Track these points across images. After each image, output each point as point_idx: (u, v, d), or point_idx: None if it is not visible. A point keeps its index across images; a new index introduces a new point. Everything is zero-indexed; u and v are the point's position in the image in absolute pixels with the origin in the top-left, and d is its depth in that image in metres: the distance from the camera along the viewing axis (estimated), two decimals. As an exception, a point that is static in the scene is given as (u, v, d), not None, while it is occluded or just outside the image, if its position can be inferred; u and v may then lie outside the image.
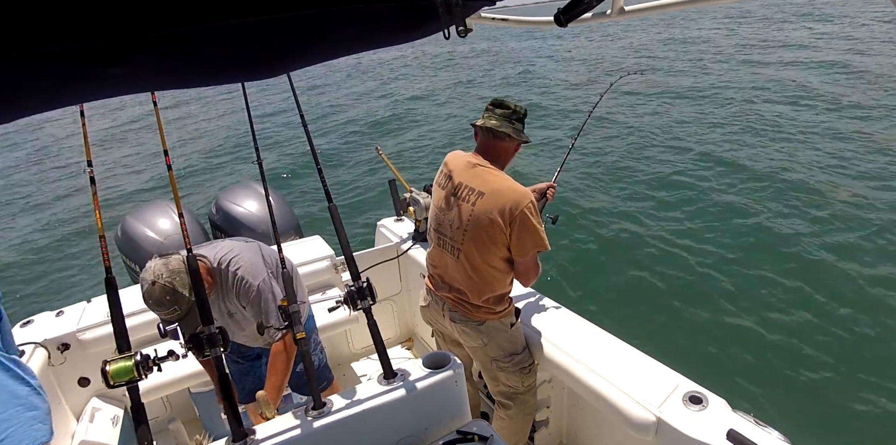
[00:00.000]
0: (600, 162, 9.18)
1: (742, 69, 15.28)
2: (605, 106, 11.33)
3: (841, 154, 8.59)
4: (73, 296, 5.39)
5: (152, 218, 3.32)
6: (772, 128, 10.28)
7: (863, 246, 5.69)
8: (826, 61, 14.76)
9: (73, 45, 0.53)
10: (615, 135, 10.59)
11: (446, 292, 2.07)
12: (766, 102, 11.93)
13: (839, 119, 10.25)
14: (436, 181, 2.12)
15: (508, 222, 1.83)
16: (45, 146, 15.31)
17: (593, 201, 7.62)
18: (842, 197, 7.14)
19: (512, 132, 1.91)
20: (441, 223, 2.03)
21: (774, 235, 6.09)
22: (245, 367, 2.36)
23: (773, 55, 16.77)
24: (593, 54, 22.03)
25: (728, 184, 7.83)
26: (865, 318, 4.44)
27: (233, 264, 1.92)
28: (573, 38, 28.74)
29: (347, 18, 0.68)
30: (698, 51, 19.52)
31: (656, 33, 27.10)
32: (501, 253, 1.91)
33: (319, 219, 7.00)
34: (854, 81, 12.67)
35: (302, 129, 2.06)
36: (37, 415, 1.64)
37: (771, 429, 1.58)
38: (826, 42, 18.02)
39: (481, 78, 19.35)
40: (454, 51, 28.49)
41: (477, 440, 1.59)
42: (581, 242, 6.33)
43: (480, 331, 2.03)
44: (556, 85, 15.99)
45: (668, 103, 12.70)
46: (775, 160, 8.45)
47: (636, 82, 14.17)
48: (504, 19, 1.39)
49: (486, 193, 1.87)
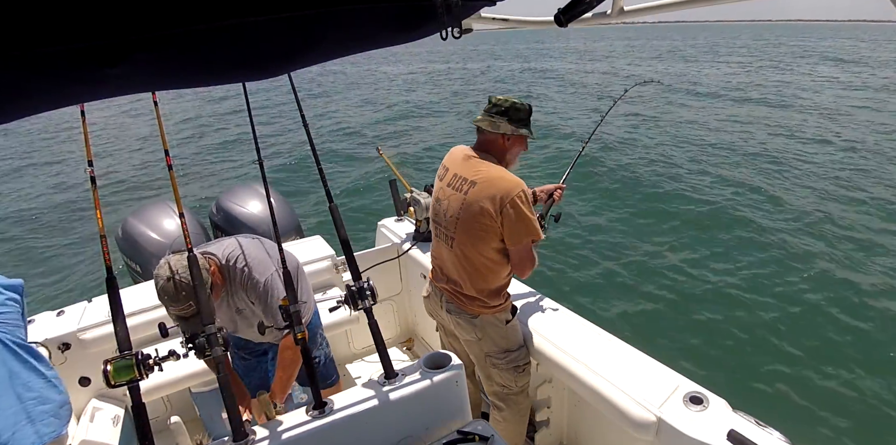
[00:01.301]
0: (607, 165, 9.20)
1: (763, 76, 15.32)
2: (616, 114, 11.32)
3: (847, 166, 8.61)
4: (74, 296, 5.40)
5: (153, 218, 3.32)
6: (784, 136, 10.32)
7: (862, 249, 5.69)
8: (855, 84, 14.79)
9: (73, 45, 0.53)
10: (625, 141, 10.61)
11: (444, 283, 2.11)
12: (775, 110, 11.94)
13: (856, 132, 10.31)
14: (437, 175, 2.17)
15: (499, 210, 1.86)
16: (45, 146, 15.32)
17: (596, 203, 7.63)
18: (846, 197, 7.14)
19: (488, 125, 1.96)
20: (437, 213, 2.08)
21: (775, 237, 6.09)
22: (251, 363, 2.36)
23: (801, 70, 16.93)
24: (610, 56, 22.08)
25: (731, 187, 7.86)
26: (866, 319, 4.44)
27: (240, 260, 1.93)
28: (591, 41, 28.83)
29: (347, 18, 0.68)
30: (719, 62, 19.67)
31: (680, 41, 27.27)
32: (494, 242, 1.93)
33: (320, 219, 7.01)
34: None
35: (303, 129, 2.06)
36: (50, 409, 1.62)
37: (771, 429, 1.57)
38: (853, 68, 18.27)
39: (484, 77, 19.35)
40: (455, 50, 28.49)
41: (478, 440, 1.59)
42: (582, 243, 6.33)
43: (474, 325, 2.05)
44: (572, 84, 16.00)
45: (680, 111, 12.73)
46: (780, 167, 8.47)
47: (650, 91, 14.20)
48: (504, 19, 1.39)
49: (477, 182, 1.91)
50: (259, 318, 2.04)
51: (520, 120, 1.97)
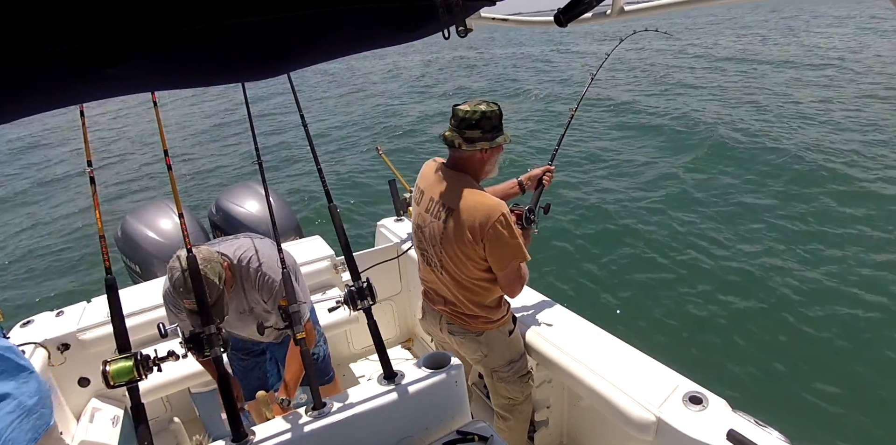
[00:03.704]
0: (597, 150, 8.93)
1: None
2: (602, 86, 10.50)
3: (853, 146, 8.40)
4: (73, 296, 5.39)
5: (152, 218, 3.32)
6: (784, 115, 9.95)
7: (862, 244, 5.68)
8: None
9: (73, 45, 0.53)
10: (613, 118, 10.12)
11: (442, 305, 2.05)
12: (776, 88, 11.62)
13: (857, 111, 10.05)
14: (413, 196, 2.06)
15: (480, 238, 1.77)
16: (45, 146, 15.31)
17: (590, 196, 7.50)
18: (850, 193, 7.04)
19: (462, 144, 1.80)
20: (421, 240, 2.00)
21: (776, 235, 6.08)
22: (249, 364, 2.36)
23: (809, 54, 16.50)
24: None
25: (733, 180, 7.72)
26: (867, 319, 4.44)
27: (253, 261, 1.94)
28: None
29: (347, 18, 0.69)
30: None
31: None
32: (480, 266, 1.86)
33: (319, 219, 7.00)
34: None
35: (302, 129, 2.06)
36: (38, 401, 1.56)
37: (771, 429, 1.58)
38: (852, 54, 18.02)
39: (482, 74, 19.31)
40: (455, 49, 28.47)
41: (477, 440, 1.59)
42: (579, 240, 6.31)
43: (479, 342, 2.01)
44: (562, 55, 15.29)
45: (677, 70, 12.03)
46: (787, 156, 8.25)
47: (641, 52, 13.51)
48: (504, 19, 1.39)
49: (454, 210, 1.80)
50: (264, 318, 2.05)
51: (493, 127, 1.82)
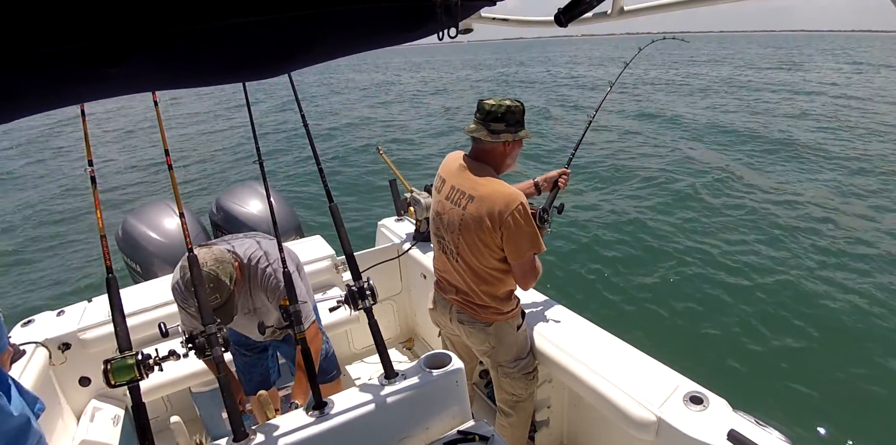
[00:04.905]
0: (608, 158, 9.09)
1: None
2: (618, 99, 10.84)
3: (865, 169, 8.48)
4: (74, 296, 5.40)
5: (153, 218, 3.32)
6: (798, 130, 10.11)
7: (861, 248, 5.68)
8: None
9: (73, 45, 0.53)
10: (629, 128, 10.29)
11: (453, 294, 2.08)
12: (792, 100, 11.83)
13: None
14: (434, 185, 2.12)
15: (498, 226, 1.82)
16: (45, 146, 15.32)
17: (593, 197, 7.57)
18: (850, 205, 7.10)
19: (486, 135, 1.88)
20: (438, 227, 2.05)
21: (777, 237, 6.08)
22: (251, 360, 2.37)
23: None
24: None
25: (740, 186, 7.78)
26: (867, 319, 4.43)
27: (262, 261, 1.95)
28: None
29: (347, 18, 0.68)
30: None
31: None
32: (496, 254, 1.91)
33: (320, 218, 7.00)
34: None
35: (303, 129, 2.06)
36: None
37: (771, 429, 1.57)
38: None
39: (485, 73, 19.31)
40: (456, 47, 28.43)
41: (478, 440, 1.59)
42: (581, 241, 6.32)
43: (488, 333, 2.03)
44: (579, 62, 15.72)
45: (692, 81, 12.35)
46: (795, 168, 8.39)
47: (661, 64, 13.88)
48: (504, 19, 1.39)
49: (475, 197, 1.87)
50: (266, 317, 2.05)
51: (517, 122, 1.91)
